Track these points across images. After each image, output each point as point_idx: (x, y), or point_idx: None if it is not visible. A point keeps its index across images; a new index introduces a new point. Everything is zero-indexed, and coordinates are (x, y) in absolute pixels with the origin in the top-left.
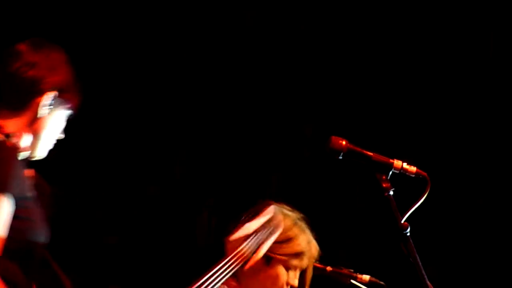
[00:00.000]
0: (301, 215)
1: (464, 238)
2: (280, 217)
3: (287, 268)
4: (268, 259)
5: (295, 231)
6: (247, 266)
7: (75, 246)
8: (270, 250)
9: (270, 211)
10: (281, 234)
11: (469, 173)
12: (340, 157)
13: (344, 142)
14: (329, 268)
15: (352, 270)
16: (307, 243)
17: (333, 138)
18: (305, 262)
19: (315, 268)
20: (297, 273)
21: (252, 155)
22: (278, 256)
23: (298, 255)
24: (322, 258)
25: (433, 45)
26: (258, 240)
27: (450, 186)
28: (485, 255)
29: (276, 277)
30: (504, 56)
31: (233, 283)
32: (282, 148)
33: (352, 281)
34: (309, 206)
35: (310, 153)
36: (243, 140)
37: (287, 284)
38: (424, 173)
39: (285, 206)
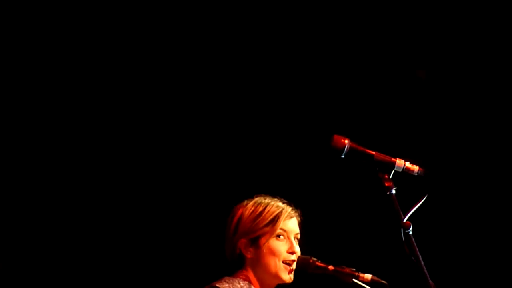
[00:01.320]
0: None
1: (467, 237)
2: None
3: (277, 236)
4: (254, 241)
5: (258, 206)
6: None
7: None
8: (250, 231)
9: None
10: (250, 215)
11: (471, 171)
12: (343, 156)
13: (346, 141)
14: (331, 267)
15: (354, 269)
16: (276, 207)
17: (336, 137)
18: (285, 223)
19: (317, 267)
20: (291, 237)
21: (255, 156)
22: (259, 232)
23: (274, 219)
24: (324, 257)
25: (434, 45)
26: None
27: (453, 185)
28: (487, 254)
29: (273, 250)
30: (504, 56)
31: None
32: (285, 148)
33: (354, 280)
34: (311, 205)
35: (313, 152)
36: (246, 141)
37: (290, 251)
38: (427, 172)
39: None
